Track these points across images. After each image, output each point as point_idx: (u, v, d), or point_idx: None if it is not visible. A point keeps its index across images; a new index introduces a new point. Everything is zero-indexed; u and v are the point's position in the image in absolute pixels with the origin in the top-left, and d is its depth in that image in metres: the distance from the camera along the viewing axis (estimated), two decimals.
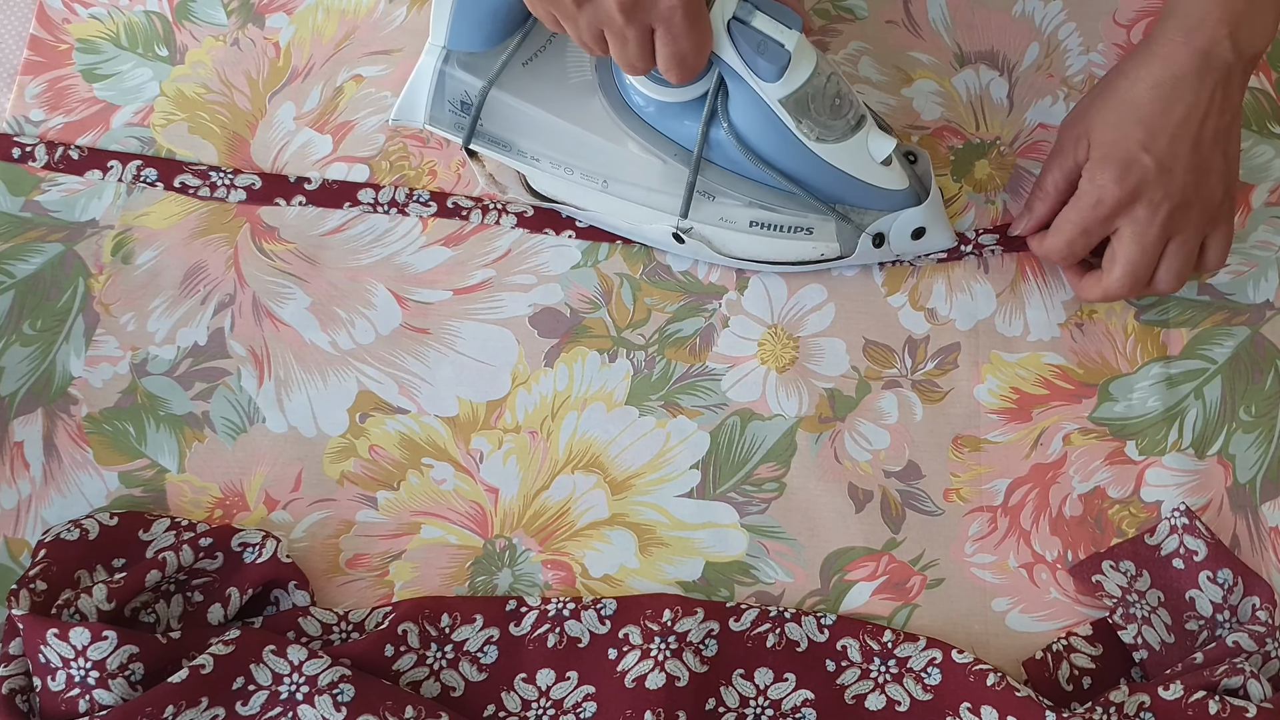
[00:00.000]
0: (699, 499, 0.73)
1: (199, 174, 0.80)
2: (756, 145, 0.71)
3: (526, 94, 0.74)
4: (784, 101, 0.69)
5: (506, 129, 0.75)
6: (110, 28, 0.84)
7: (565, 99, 0.74)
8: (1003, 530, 0.73)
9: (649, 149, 0.74)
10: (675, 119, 0.73)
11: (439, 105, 0.74)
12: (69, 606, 0.65)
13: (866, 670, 0.68)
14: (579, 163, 0.75)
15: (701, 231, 0.75)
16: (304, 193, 0.80)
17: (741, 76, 0.68)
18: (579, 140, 0.74)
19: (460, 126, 0.75)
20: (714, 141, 0.72)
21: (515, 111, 0.74)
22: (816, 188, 0.73)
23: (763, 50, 0.67)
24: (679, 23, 0.64)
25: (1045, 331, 0.77)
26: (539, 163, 0.75)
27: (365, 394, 0.75)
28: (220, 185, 0.80)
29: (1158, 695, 0.65)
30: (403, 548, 0.72)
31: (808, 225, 0.74)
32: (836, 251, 0.76)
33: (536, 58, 0.74)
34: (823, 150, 0.71)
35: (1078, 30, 0.85)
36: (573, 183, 0.75)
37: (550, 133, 0.74)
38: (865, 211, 0.74)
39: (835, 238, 0.75)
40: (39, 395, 0.74)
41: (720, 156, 0.73)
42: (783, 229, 0.74)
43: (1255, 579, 0.70)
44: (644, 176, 0.74)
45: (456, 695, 0.67)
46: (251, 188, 0.80)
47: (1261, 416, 0.76)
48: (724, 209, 0.74)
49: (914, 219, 0.74)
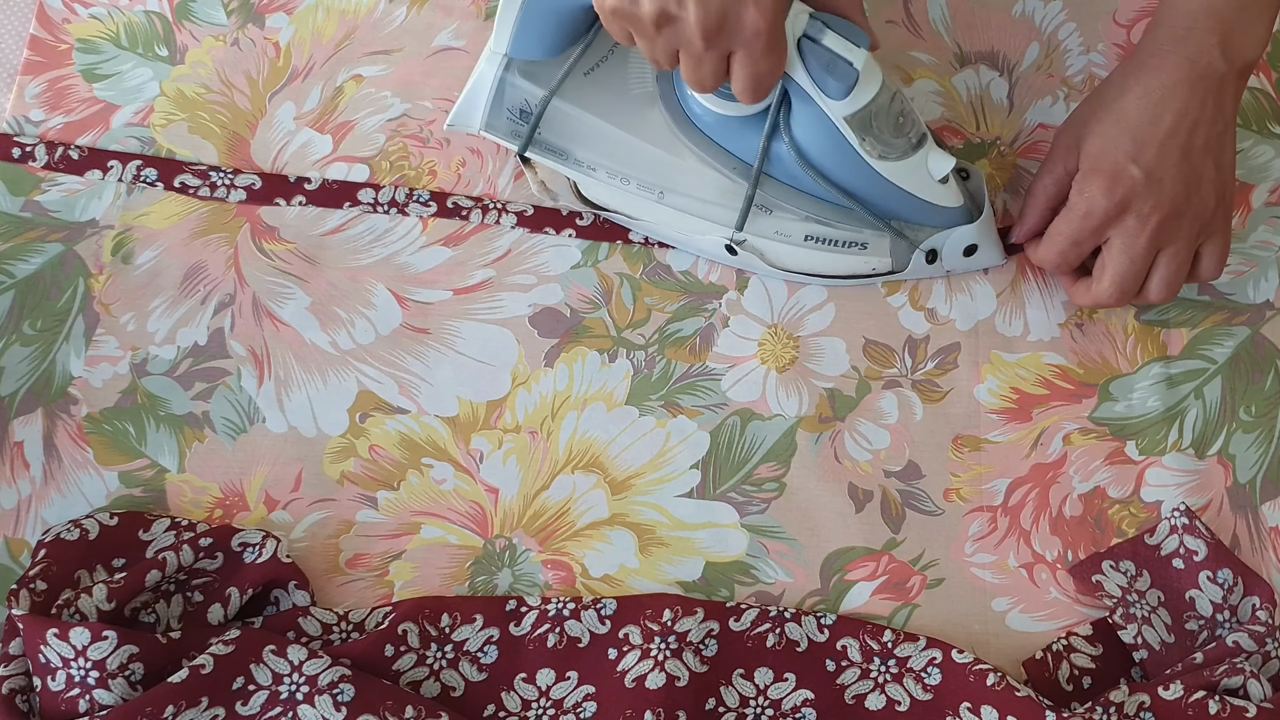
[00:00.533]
0: (699, 499, 0.73)
1: (199, 174, 0.80)
2: (818, 161, 0.71)
3: (587, 104, 0.74)
4: (849, 119, 0.69)
5: (564, 138, 0.75)
6: (110, 28, 0.84)
7: (625, 110, 0.74)
8: (1003, 530, 0.73)
9: (707, 161, 0.74)
10: (736, 132, 0.73)
11: (497, 112, 0.74)
12: (69, 606, 0.65)
13: (866, 670, 0.68)
14: (636, 173, 0.75)
15: (755, 244, 0.75)
16: (304, 193, 0.80)
17: (808, 93, 0.68)
18: (637, 151, 0.74)
19: (517, 134, 0.75)
20: (774, 156, 0.72)
21: (574, 121, 0.74)
22: (874, 204, 0.73)
23: (831, 69, 0.67)
24: (760, 47, 0.64)
25: (1045, 331, 0.77)
26: (595, 172, 0.75)
27: (365, 394, 0.75)
28: (220, 185, 0.80)
29: (1158, 695, 0.65)
30: (403, 548, 0.72)
31: (862, 240, 0.75)
32: (888, 266, 0.76)
33: (598, 68, 0.74)
34: (883, 167, 0.71)
35: (1078, 30, 0.85)
36: (628, 193, 0.76)
37: (609, 143, 0.74)
38: (920, 228, 0.74)
39: (889, 253, 0.75)
40: (39, 395, 0.74)
41: (779, 170, 0.73)
42: (837, 244, 0.75)
43: (1255, 579, 0.70)
44: (701, 188, 0.75)
45: (456, 695, 0.67)
46: (251, 188, 0.80)
47: (1261, 416, 0.76)
48: (780, 223, 0.74)
49: (967, 236, 0.75)
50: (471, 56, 0.84)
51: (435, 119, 0.82)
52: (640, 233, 0.79)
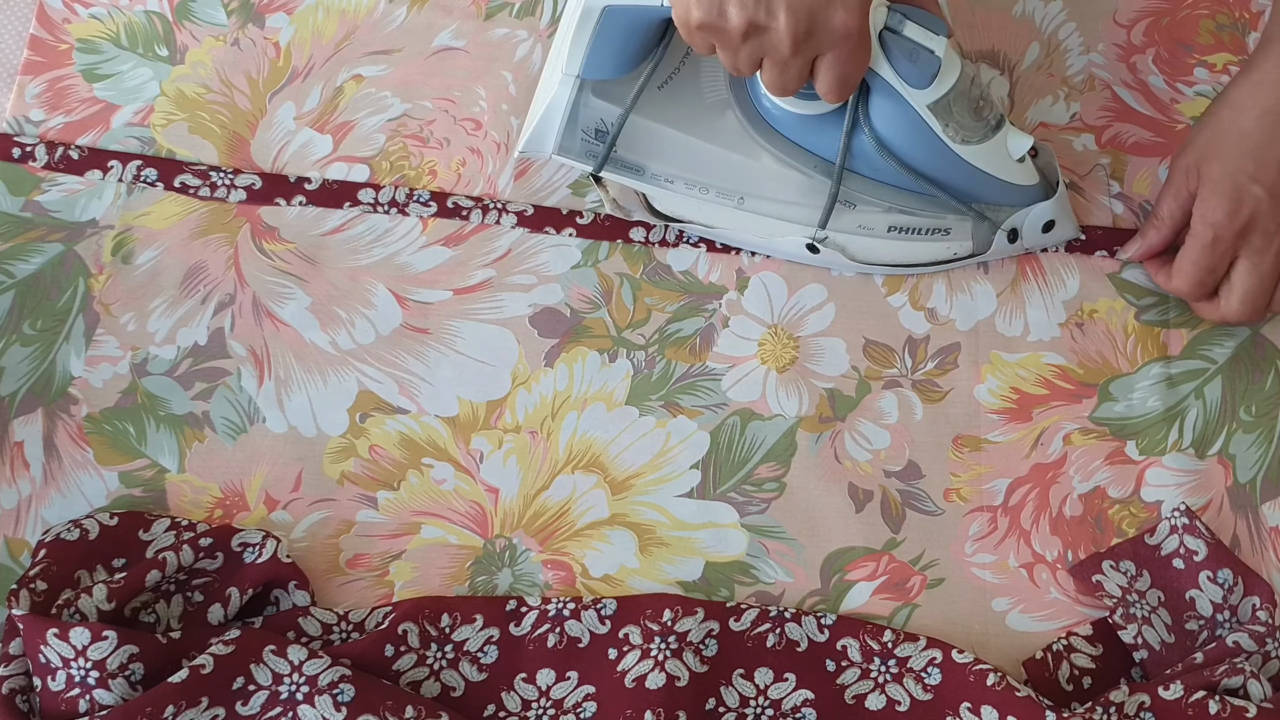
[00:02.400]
0: (699, 499, 0.73)
1: (199, 174, 0.80)
2: (900, 150, 0.72)
3: (662, 117, 0.74)
4: (932, 106, 0.69)
5: (640, 153, 0.74)
6: (110, 28, 0.84)
7: (701, 118, 0.74)
8: (1003, 530, 0.73)
9: (787, 162, 0.74)
10: (814, 130, 0.73)
11: (570, 135, 0.74)
12: (69, 606, 0.65)
13: (866, 670, 0.68)
14: (715, 181, 0.75)
15: (838, 240, 0.75)
16: (304, 193, 0.80)
17: (890, 85, 0.69)
18: (715, 158, 0.74)
19: (591, 154, 0.74)
20: (855, 149, 0.72)
21: (651, 135, 0.74)
22: (957, 188, 0.74)
23: (914, 58, 0.68)
24: (849, 48, 0.64)
25: (1045, 331, 0.77)
26: (672, 184, 0.75)
27: (365, 394, 0.75)
28: (220, 185, 0.80)
29: (1158, 695, 0.65)
30: (403, 548, 0.72)
31: (945, 226, 0.75)
32: (970, 249, 0.77)
33: (671, 80, 0.74)
34: (966, 151, 0.71)
35: (1078, 30, 0.85)
36: (706, 202, 0.76)
37: (686, 153, 0.74)
38: (999, 208, 0.75)
39: (970, 236, 0.76)
40: (39, 395, 0.74)
41: (861, 164, 0.73)
42: (921, 231, 0.75)
43: (1255, 579, 0.70)
44: (781, 190, 0.75)
45: (456, 695, 0.67)
46: (252, 188, 0.80)
47: (1262, 416, 0.76)
48: (863, 216, 0.75)
49: (1045, 212, 0.76)
50: (472, 56, 0.84)
51: (435, 119, 0.82)
52: (718, 240, 0.79)
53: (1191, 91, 0.84)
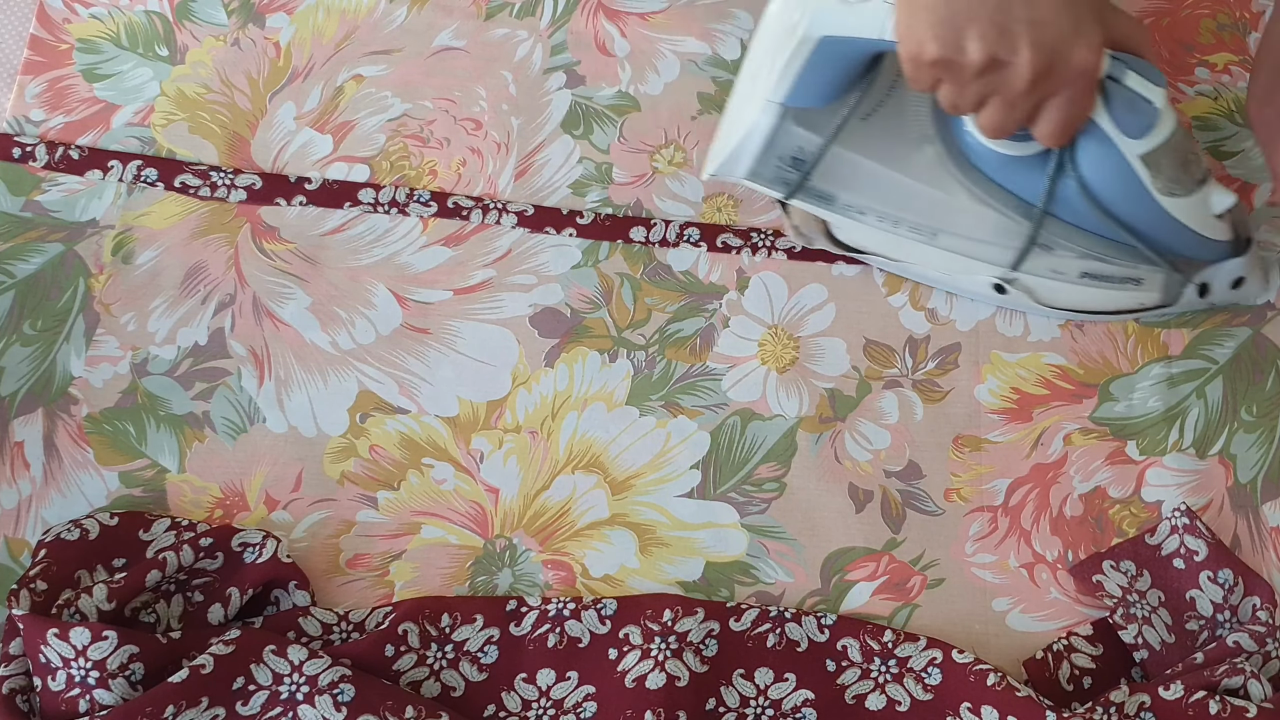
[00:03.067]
0: (699, 499, 0.73)
1: (199, 174, 0.80)
2: (1106, 198, 0.70)
3: (861, 148, 0.72)
4: (1144, 157, 0.68)
5: (833, 183, 0.73)
6: (110, 28, 0.84)
7: (901, 152, 0.73)
8: (1003, 530, 0.73)
9: (985, 201, 0.73)
10: (1017, 171, 0.72)
11: (765, 161, 0.72)
12: (69, 606, 0.65)
13: (867, 670, 0.68)
14: (909, 215, 0.74)
15: (1027, 282, 0.75)
16: (304, 193, 0.80)
17: (1105, 132, 0.68)
18: (912, 193, 0.73)
19: (785, 181, 0.73)
20: (1059, 194, 0.71)
21: (848, 166, 0.73)
22: (1156, 239, 0.72)
23: (1133, 108, 0.67)
24: (1083, 89, 0.63)
25: (1045, 332, 0.77)
26: (864, 216, 0.74)
27: (365, 394, 0.75)
28: (220, 185, 0.80)
29: (1158, 695, 0.65)
30: (403, 548, 0.72)
31: (1138, 276, 0.74)
32: (1158, 300, 0.76)
33: (876, 112, 0.72)
34: (1170, 204, 0.70)
35: None
36: (896, 235, 0.75)
37: (882, 186, 0.73)
38: (1193, 262, 0.74)
39: (1161, 288, 0.75)
40: (39, 395, 0.74)
41: (1061, 208, 0.72)
42: (1113, 280, 0.74)
43: (1255, 579, 0.70)
44: (976, 228, 0.74)
45: (457, 695, 0.67)
46: (252, 188, 0.80)
47: (1262, 417, 0.76)
48: (1057, 260, 0.74)
49: (1237, 269, 0.75)
50: (472, 56, 0.84)
51: (435, 119, 0.82)
52: (901, 274, 0.78)
53: (1193, 91, 0.84)
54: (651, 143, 0.82)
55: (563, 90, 0.83)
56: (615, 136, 0.82)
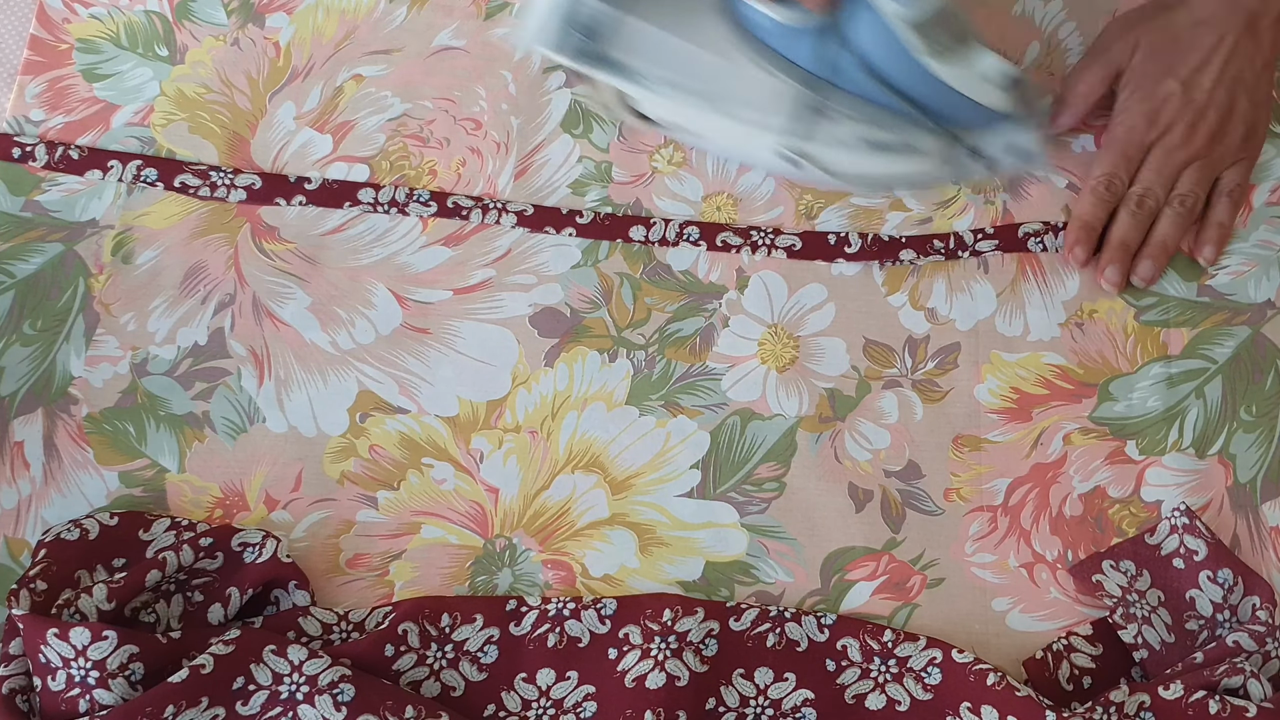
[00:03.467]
0: (699, 499, 0.73)
1: (199, 174, 0.80)
2: (877, 65, 0.73)
3: (652, 17, 0.75)
4: (911, 23, 0.71)
5: (628, 53, 0.76)
6: (110, 28, 0.84)
7: (687, 21, 0.76)
8: (1003, 530, 0.73)
9: (767, 69, 0.75)
10: (795, 40, 0.75)
11: (566, 32, 0.75)
12: (69, 606, 0.65)
13: (866, 670, 0.68)
14: (698, 84, 0.77)
15: (812, 152, 0.77)
16: (304, 192, 0.80)
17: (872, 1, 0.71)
18: (700, 62, 0.76)
19: (584, 52, 0.76)
20: (834, 62, 0.74)
21: (639, 35, 0.75)
22: (929, 106, 0.75)
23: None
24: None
25: (1045, 331, 0.77)
26: (656, 85, 0.77)
27: (365, 394, 0.75)
28: (220, 185, 0.80)
29: (1158, 695, 0.65)
30: (403, 548, 0.72)
31: (916, 143, 0.77)
32: (940, 170, 0.78)
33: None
34: (941, 70, 0.73)
35: (1078, 29, 0.85)
36: (688, 105, 0.77)
37: (672, 55, 0.76)
38: (971, 130, 0.77)
39: (939, 155, 0.77)
40: (39, 395, 0.74)
41: (839, 76, 0.75)
42: (893, 148, 0.77)
43: (1255, 579, 0.70)
44: (760, 97, 0.76)
45: (456, 695, 0.67)
46: (251, 187, 0.80)
47: (1262, 416, 0.76)
48: (838, 128, 0.76)
49: (1014, 136, 0.77)
50: (472, 56, 0.84)
51: (435, 119, 0.82)
52: (700, 147, 0.80)
53: None
54: (651, 142, 0.82)
55: (562, 90, 0.83)
56: (615, 136, 0.82)
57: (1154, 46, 0.78)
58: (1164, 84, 0.77)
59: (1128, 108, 0.79)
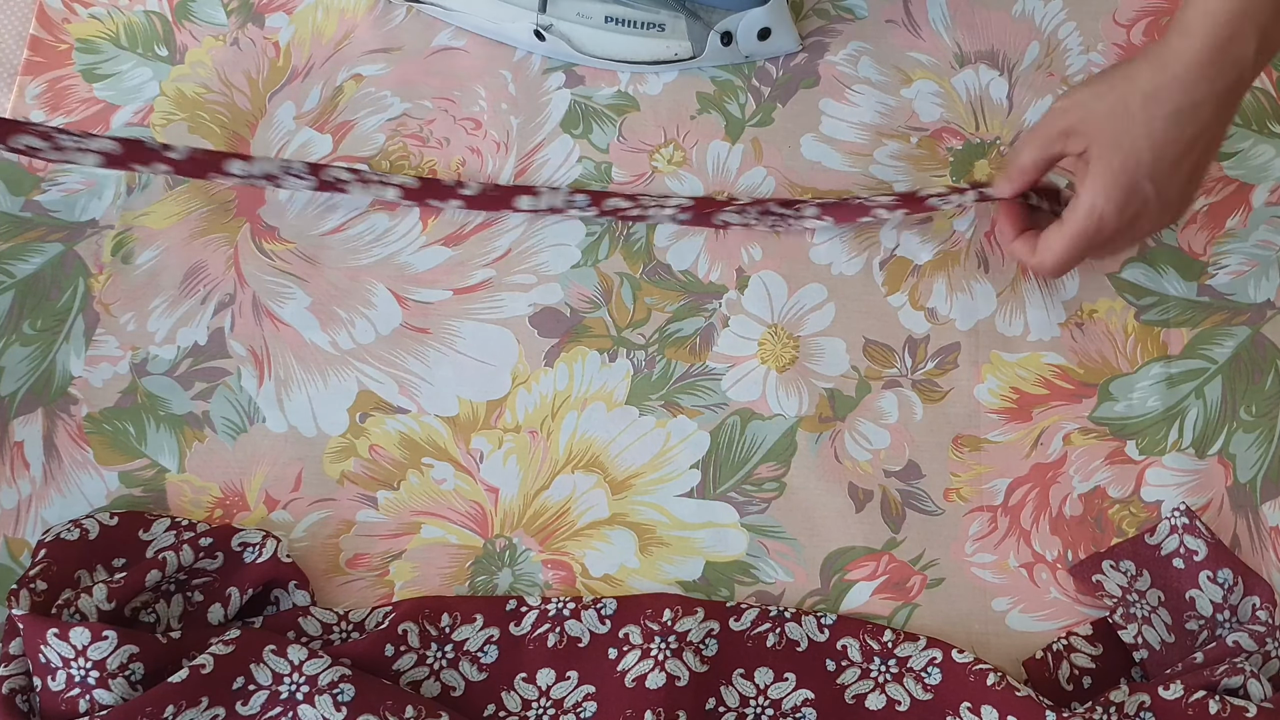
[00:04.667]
0: (699, 499, 0.73)
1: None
2: None
3: None
4: None
5: None
6: (110, 28, 0.84)
7: None
8: (1003, 530, 0.73)
9: None
10: None
11: None
12: (69, 606, 0.65)
13: (866, 670, 0.68)
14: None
15: (561, 28, 0.79)
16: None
17: None
18: None
19: None
20: None
21: None
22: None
23: None
24: None
25: (1045, 331, 0.77)
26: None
27: (365, 394, 0.75)
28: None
29: (1158, 695, 0.65)
30: (403, 547, 0.72)
31: (660, 21, 0.79)
32: (689, 51, 0.80)
33: None
34: None
35: (1078, 30, 0.85)
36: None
37: None
38: (714, 10, 0.78)
39: (686, 35, 0.79)
40: (39, 395, 0.74)
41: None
42: (636, 25, 0.79)
43: (1255, 579, 0.70)
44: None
45: (457, 695, 0.67)
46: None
47: (1262, 416, 0.76)
48: (580, 4, 0.79)
49: (759, 19, 0.79)
50: (471, 56, 0.84)
51: (435, 119, 0.82)
52: (456, 24, 0.83)
53: None
54: (650, 142, 0.82)
55: (562, 90, 0.83)
56: (614, 136, 0.82)
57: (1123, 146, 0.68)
58: (1140, 186, 0.68)
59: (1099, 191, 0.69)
